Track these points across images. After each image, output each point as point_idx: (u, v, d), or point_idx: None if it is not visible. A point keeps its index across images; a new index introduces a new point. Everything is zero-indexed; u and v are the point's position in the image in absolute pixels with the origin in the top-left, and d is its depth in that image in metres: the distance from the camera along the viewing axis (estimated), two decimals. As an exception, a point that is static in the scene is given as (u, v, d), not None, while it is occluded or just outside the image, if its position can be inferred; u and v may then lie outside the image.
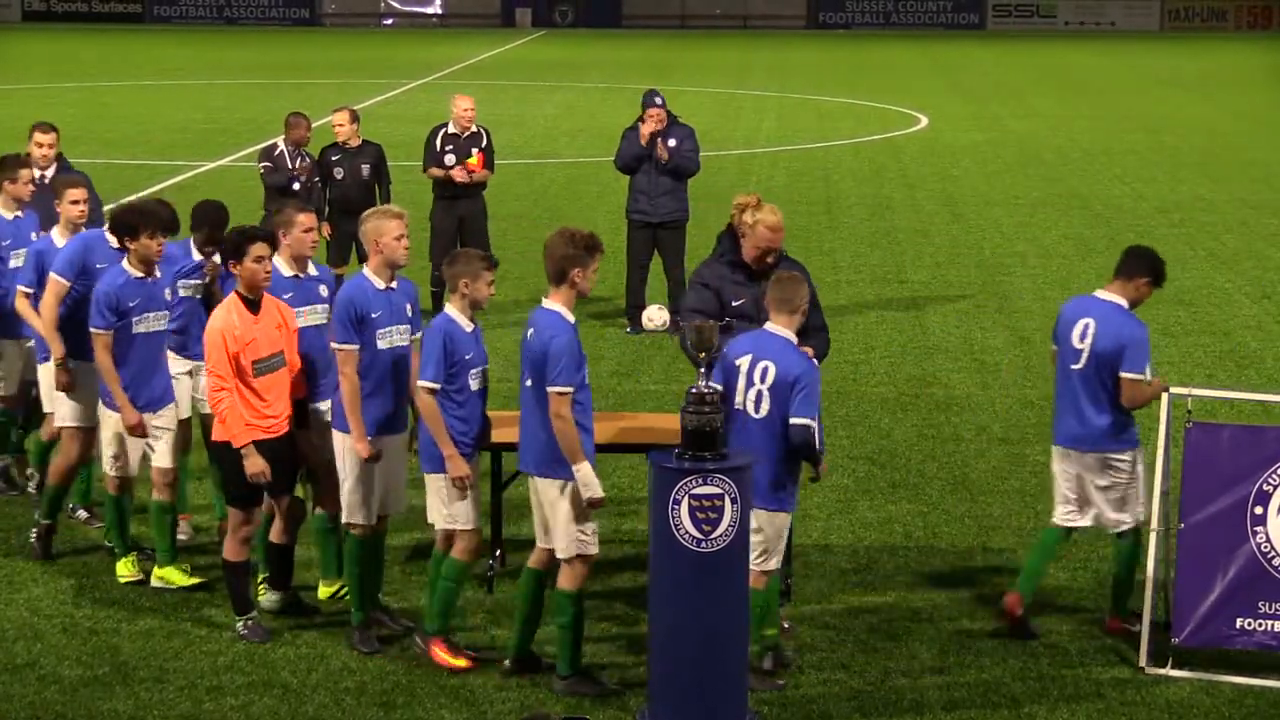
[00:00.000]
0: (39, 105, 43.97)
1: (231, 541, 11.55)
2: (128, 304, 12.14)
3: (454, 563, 11.05)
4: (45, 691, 10.73)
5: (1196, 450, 11.10)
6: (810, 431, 10.56)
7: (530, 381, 10.70)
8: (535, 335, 10.68)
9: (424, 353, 10.95)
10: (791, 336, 10.76)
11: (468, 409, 11.00)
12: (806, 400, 10.55)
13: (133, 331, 12.19)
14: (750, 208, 11.53)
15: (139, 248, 12.18)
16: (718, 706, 10.02)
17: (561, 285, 10.75)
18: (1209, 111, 44.09)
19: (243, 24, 77.27)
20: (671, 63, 59.03)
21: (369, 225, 11.43)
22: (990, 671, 11.09)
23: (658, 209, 19.74)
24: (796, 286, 10.82)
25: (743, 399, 10.65)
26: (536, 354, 10.60)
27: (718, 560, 9.91)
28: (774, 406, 10.58)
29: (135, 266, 12.23)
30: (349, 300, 11.24)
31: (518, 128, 39.19)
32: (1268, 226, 27.16)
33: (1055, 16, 77.57)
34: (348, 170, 19.67)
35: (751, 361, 10.65)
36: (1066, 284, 22.61)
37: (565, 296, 10.75)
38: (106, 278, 12.27)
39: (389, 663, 11.10)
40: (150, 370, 12.31)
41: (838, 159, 34.89)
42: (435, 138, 20.35)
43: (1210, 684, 10.92)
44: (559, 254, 10.73)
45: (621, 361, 18.68)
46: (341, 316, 11.25)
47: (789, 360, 10.63)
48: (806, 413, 10.54)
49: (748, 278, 11.52)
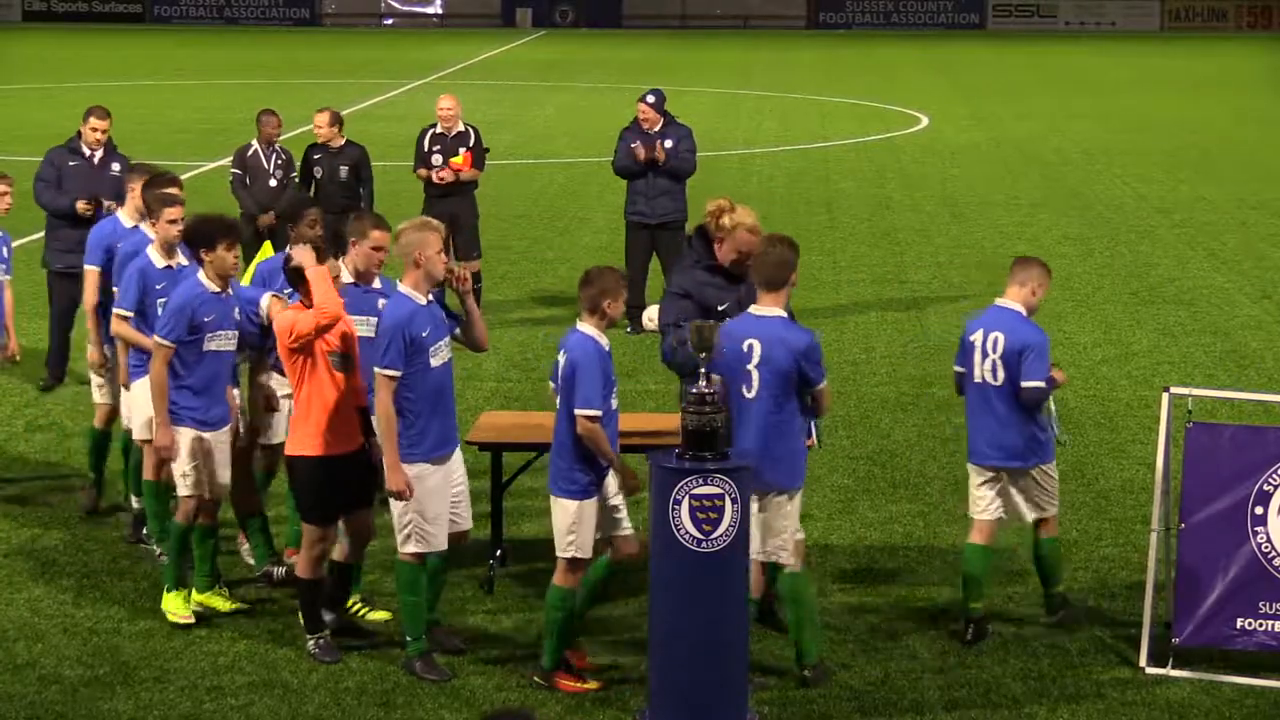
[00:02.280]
0: (39, 105, 43.99)
1: (305, 558, 11.21)
2: (203, 318, 11.63)
3: (556, 590, 10.80)
4: (46, 691, 10.72)
5: (1197, 450, 11.10)
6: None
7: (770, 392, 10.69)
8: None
9: (584, 381, 10.53)
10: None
11: None
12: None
13: (204, 348, 11.67)
14: (726, 211, 11.52)
15: (215, 260, 11.66)
16: (718, 706, 10.02)
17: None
18: (1209, 111, 44.08)
19: (243, 24, 77.25)
20: (671, 63, 59.02)
21: (410, 238, 10.90)
22: (990, 671, 11.10)
23: (655, 210, 19.79)
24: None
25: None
26: None
27: (718, 560, 9.91)
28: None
29: (211, 280, 11.71)
30: (397, 325, 10.73)
31: (518, 128, 39.19)
32: (1268, 226, 27.16)
33: (1055, 16, 77.55)
34: (326, 170, 19.72)
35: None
36: (1066, 284, 22.62)
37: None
38: (183, 289, 11.75)
39: (389, 663, 11.10)
40: (219, 388, 11.82)
41: (838, 159, 34.89)
42: (424, 138, 20.46)
43: (1210, 684, 10.92)
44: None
45: (621, 361, 18.66)
46: (393, 340, 10.73)
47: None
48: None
49: (727, 280, 11.52)
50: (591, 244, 25.32)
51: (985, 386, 11.52)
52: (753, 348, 10.67)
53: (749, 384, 10.69)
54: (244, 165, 19.53)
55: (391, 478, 10.76)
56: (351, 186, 19.75)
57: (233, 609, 11.83)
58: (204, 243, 11.66)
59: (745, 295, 11.38)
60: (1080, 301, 21.66)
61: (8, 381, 17.71)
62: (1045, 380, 11.44)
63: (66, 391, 17.28)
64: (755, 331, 10.71)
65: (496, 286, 21.72)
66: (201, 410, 11.72)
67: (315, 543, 11.19)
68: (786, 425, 10.72)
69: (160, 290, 12.39)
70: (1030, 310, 11.76)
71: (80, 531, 13.48)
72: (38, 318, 20.40)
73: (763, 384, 10.66)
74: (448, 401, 10.99)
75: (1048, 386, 11.45)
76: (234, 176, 19.59)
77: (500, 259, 23.55)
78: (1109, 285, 22.70)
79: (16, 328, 14.57)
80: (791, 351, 10.64)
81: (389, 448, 10.72)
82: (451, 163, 20.13)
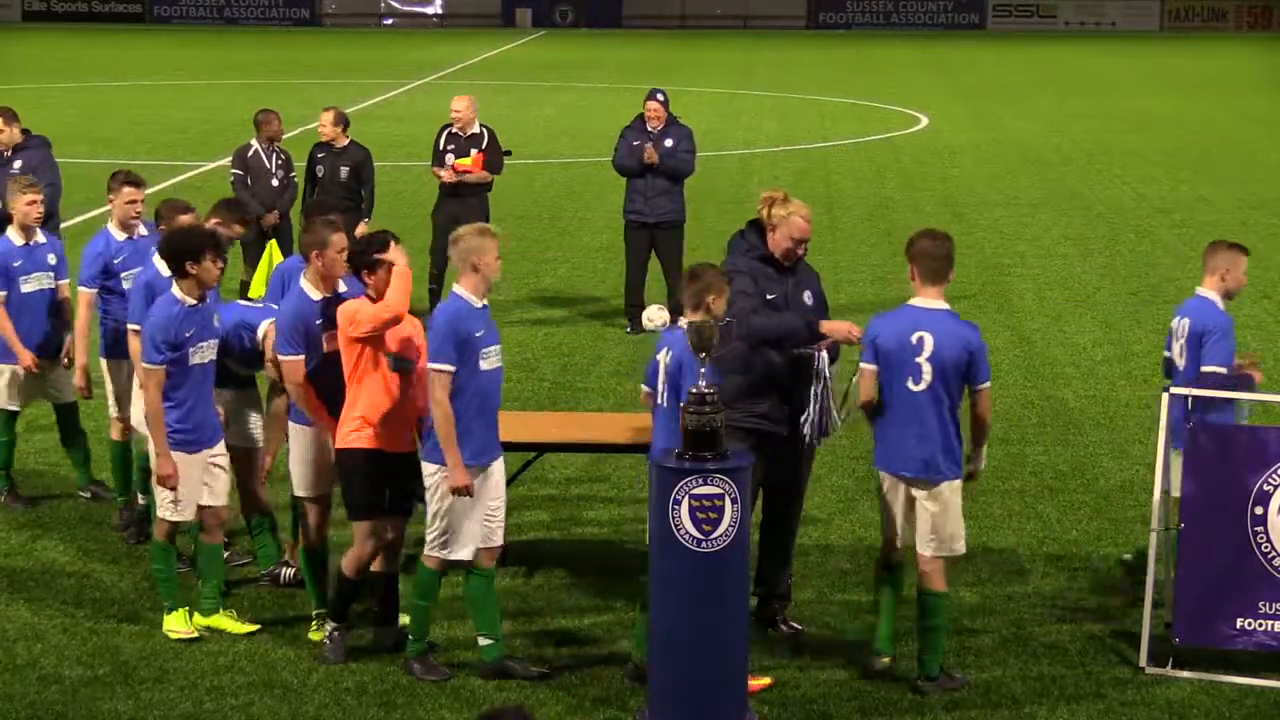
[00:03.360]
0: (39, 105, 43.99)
1: (351, 556, 10.98)
2: (184, 334, 11.21)
3: None
4: (46, 691, 10.72)
5: (1197, 450, 11.10)
6: None
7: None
8: None
9: None
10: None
11: None
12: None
13: (189, 364, 11.28)
14: (779, 201, 11.52)
15: (201, 272, 11.23)
16: (718, 706, 10.02)
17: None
18: (1209, 111, 44.09)
19: (243, 24, 77.26)
20: (671, 63, 59.02)
21: (468, 243, 10.84)
22: (990, 671, 11.09)
23: (654, 209, 19.82)
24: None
25: None
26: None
27: (718, 560, 9.91)
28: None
29: (189, 293, 11.26)
30: (450, 321, 10.65)
31: (518, 128, 39.16)
32: (1268, 226, 27.16)
33: (1055, 16, 77.56)
34: (327, 170, 19.73)
35: None
36: (1066, 284, 22.63)
37: None
38: (159, 309, 11.29)
39: (389, 663, 11.10)
40: (207, 403, 11.46)
41: (838, 159, 34.90)
42: (440, 137, 20.47)
43: (1210, 684, 10.91)
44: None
45: (621, 361, 18.68)
46: (445, 336, 10.64)
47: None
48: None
49: (778, 272, 11.52)
50: (591, 244, 25.32)
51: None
52: (923, 340, 10.74)
53: (917, 376, 10.74)
54: (245, 165, 19.55)
55: (455, 475, 10.63)
56: (352, 187, 19.76)
57: (249, 631, 11.49)
58: (190, 255, 11.22)
59: (793, 288, 11.41)
60: (1080, 301, 21.66)
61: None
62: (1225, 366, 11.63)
63: (66, 391, 17.26)
64: (925, 324, 10.78)
65: (497, 287, 21.67)
66: (194, 430, 11.35)
67: (364, 540, 10.98)
68: (953, 416, 10.79)
69: (120, 264, 12.85)
70: (1227, 296, 12.00)
71: (80, 531, 13.47)
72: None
73: (935, 375, 10.72)
74: (493, 409, 10.86)
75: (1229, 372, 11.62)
76: (234, 177, 19.61)
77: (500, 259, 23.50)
78: (1109, 285, 22.70)
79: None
80: (965, 345, 10.74)
81: (449, 446, 10.59)
82: (455, 163, 20.13)
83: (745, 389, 11.27)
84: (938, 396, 10.71)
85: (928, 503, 10.78)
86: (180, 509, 11.42)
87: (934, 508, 10.80)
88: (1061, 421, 16.51)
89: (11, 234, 13.70)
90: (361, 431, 10.94)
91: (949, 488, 10.79)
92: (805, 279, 11.60)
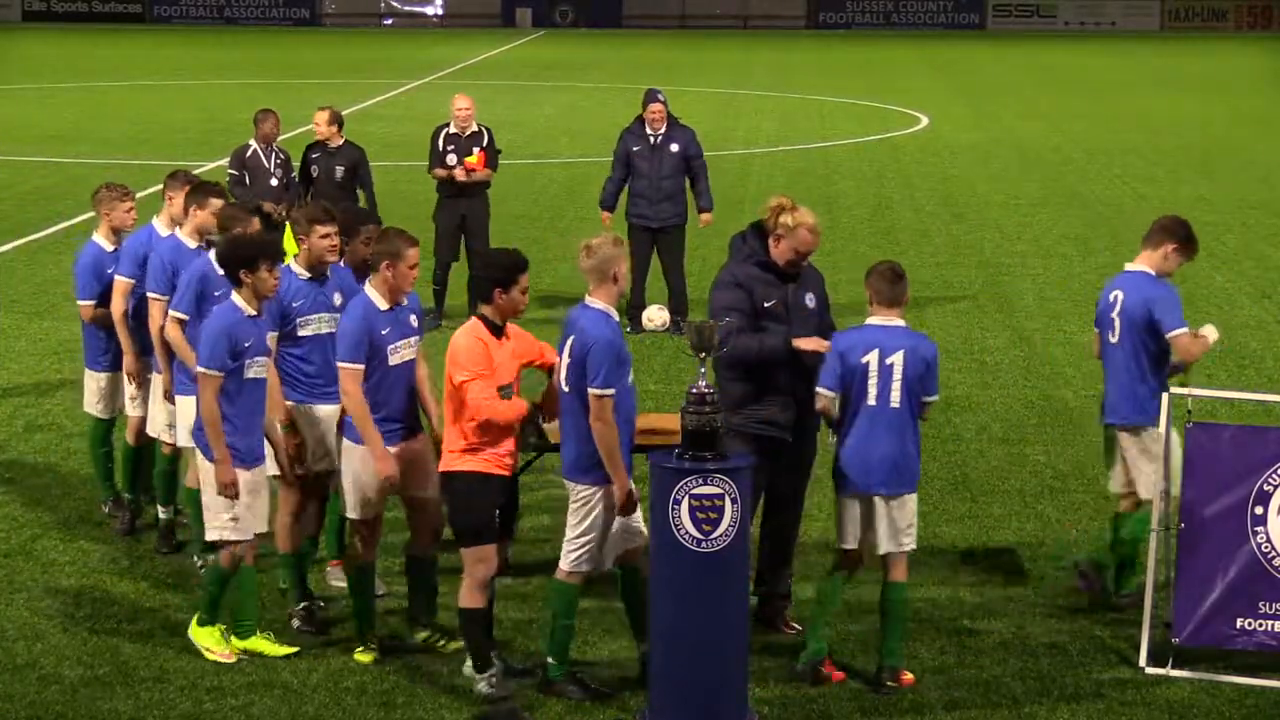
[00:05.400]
0: (39, 105, 44.00)
1: (468, 586, 10.60)
2: (243, 344, 10.91)
3: (899, 585, 10.93)
4: (45, 691, 10.72)
5: (1197, 450, 11.10)
6: None
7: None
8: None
9: None
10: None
11: None
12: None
13: (245, 376, 10.96)
14: (787, 210, 11.37)
15: (257, 281, 10.97)
16: (718, 706, 10.02)
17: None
18: (1209, 111, 44.09)
19: (243, 24, 77.28)
20: (671, 63, 59.03)
21: (607, 253, 10.49)
22: (990, 671, 11.09)
23: (658, 214, 19.95)
24: None
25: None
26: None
27: (718, 560, 9.91)
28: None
29: (248, 302, 11.01)
30: (612, 343, 10.34)
31: (518, 128, 39.18)
32: (1268, 226, 27.15)
33: (1055, 16, 77.58)
34: (323, 169, 19.72)
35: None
36: (1066, 284, 22.63)
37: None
38: (219, 316, 11.02)
39: (388, 663, 11.09)
40: (260, 419, 11.16)
41: (838, 159, 34.89)
42: (438, 138, 20.44)
43: (1210, 684, 10.91)
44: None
45: (621, 361, 18.66)
46: (608, 358, 10.32)
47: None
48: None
49: (779, 279, 11.46)
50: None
51: None
52: (1117, 298, 11.85)
53: (1113, 330, 11.86)
54: (243, 165, 19.52)
55: (620, 488, 10.45)
56: (348, 187, 19.75)
57: (288, 653, 11.16)
58: (245, 264, 10.98)
59: (793, 296, 11.37)
60: (1080, 301, 21.64)
61: (8, 382, 17.72)
62: None
63: (66, 391, 17.27)
64: (1118, 284, 11.96)
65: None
66: (245, 446, 11.02)
67: (476, 564, 10.60)
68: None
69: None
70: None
71: (80, 531, 13.47)
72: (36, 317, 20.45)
73: (1123, 330, 11.77)
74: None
75: None
76: (231, 177, 19.58)
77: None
78: (1109, 285, 22.67)
79: None
80: (1145, 300, 11.71)
81: (617, 469, 10.38)
82: (466, 162, 20.14)
83: (749, 394, 11.26)
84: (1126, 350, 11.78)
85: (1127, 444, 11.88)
86: (241, 527, 11.01)
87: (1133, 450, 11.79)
88: (1061, 421, 16.51)
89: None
90: (473, 455, 10.60)
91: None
92: (808, 281, 11.56)
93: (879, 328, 10.87)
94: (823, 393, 10.85)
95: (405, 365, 11.12)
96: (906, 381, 10.71)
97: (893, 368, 10.72)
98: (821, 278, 11.79)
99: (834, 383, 10.81)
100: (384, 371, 10.98)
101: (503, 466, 10.65)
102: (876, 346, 10.77)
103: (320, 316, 11.65)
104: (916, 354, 10.75)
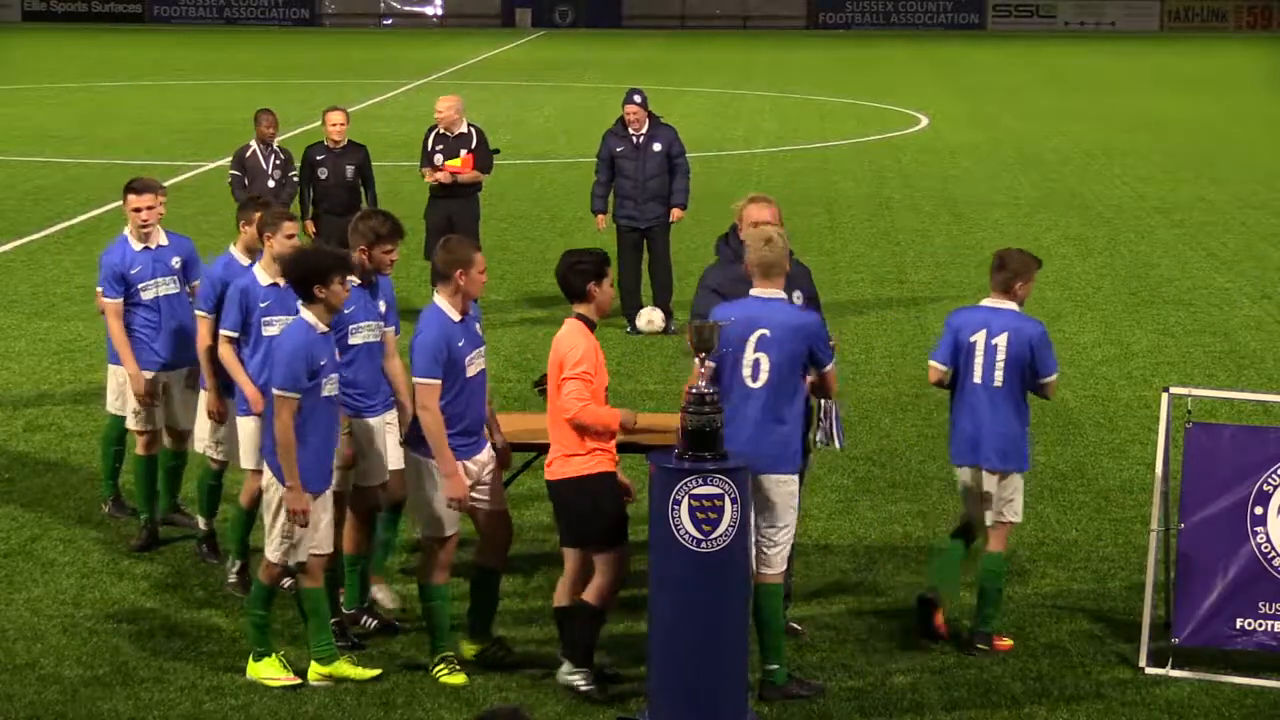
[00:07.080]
0: (39, 105, 44.00)
1: (598, 586, 10.54)
2: (319, 363, 10.52)
3: (994, 556, 11.37)
4: (45, 691, 10.72)
5: (1196, 450, 11.10)
6: None
7: None
8: None
9: None
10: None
11: None
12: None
13: (320, 395, 10.58)
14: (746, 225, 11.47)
15: (330, 295, 10.59)
16: (717, 706, 10.02)
17: None
18: (1209, 111, 44.09)
19: (243, 24, 77.26)
20: (671, 63, 59.03)
21: None
22: (990, 671, 11.10)
23: (645, 214, 20.11)
24: None
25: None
26: None
27: (718, 560, 9.92)
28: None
29: (320, 319, 10.61)
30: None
31: (518, 128, 39.19)
32: (1268, 226, 27.15)
33: (1055, 16, 77.57)
34: (331, 170, 19.70)
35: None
36: (1066, 284, 22.63)
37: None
38: (290, 336, 10.60)
39: (388, 663, 11.10)
40: (334, 441, 10.84)
41: (838, 159, 34.89)
42: (427, 139, 20.49)
43: (1210, 684, 10.92)
44: None
45: (621, 362, 18.68)
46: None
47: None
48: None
49: None
50: (591, 244, 25.25)
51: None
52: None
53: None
54: (243, 166, 19.55)
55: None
56: (356, 188, 19.78)
57: (372, 676, 10.81)
58: (316, 278, 10.57)
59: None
60: (1080, 301, 21.66)
61: (8, 382, 17.72)
62: None
63: (66, 391, 17.28)
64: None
65: (496, 287, 21.70)
66: (318, 469, 10.68)
67: (611, 567, 10.56)
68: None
69: (136, 275, 12.79)
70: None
71: (80, 531, 13.47)
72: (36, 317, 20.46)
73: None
74: None
75: None
76: (232, 178, 19.61)
77: (500, 259, 23.54)
78: (1109, 285, 22.70)
79: None
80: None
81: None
82: (447, 165, 20.14)
83: None
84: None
85: None
86: (299, 550, 10.70)
87: None
88: (1061, 421, 16.51)
89: None
90: (598, 456, 10.55)
91: None
92: (794, 278, 11.49)
93: (990, 309, 11.42)
94: (935, 365, 11.47)
95: (480, 375, 10.99)
96: (1009, 361, 11.20)
97: (997, 347, 11.24)
98: (807, 271, 11.74)
99: (945, 358, 11.42)
100: (462, 384, 10.81)
101: (615, 462, 10.70)
102: (984, 326, 11.33)
103: (369, 325, 11.41)
104: (1021, 335, 11.24)
